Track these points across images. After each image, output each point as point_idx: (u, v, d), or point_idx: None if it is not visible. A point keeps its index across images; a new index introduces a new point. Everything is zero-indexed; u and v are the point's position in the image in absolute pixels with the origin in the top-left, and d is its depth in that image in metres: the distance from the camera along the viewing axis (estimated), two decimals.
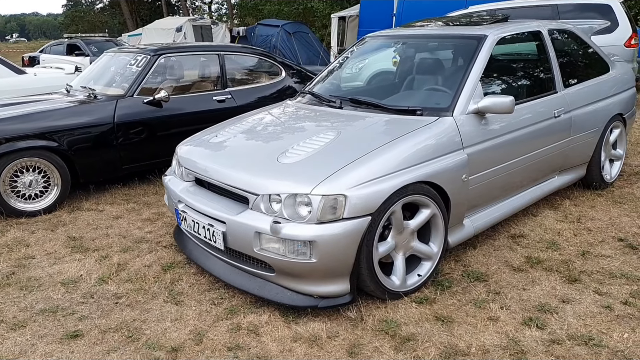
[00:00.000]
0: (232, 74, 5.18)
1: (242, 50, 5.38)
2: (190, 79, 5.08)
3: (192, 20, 23.59)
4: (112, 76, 4.80)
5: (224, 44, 5.52)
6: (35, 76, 7.02)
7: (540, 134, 3.33)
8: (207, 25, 24.25)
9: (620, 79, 4.26)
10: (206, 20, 24.95)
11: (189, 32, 22.67)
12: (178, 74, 5.07)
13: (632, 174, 4.54)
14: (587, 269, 2.83)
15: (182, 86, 4.97)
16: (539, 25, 3.67)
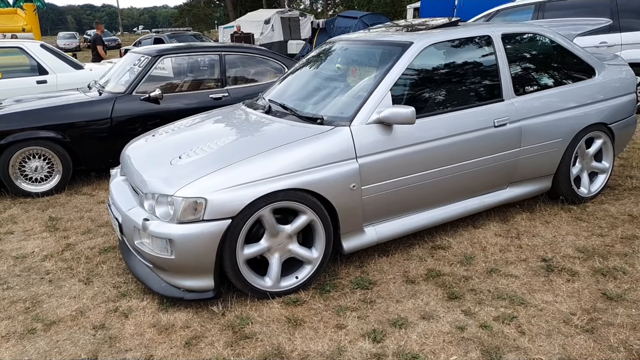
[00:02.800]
0: (232, 73, 5.50)
1: (245, 50, 5.67)
2: (191, 77, 5.47)
3: (280, 12, 24.35)
4: (123, 74, 5.34)
5: (227, 44, 5.84)
6: (91, 71, 7.89)
7: (470, 144, 3.24)
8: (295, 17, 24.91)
9: (608, 85, 3.92)
10: (294, 12, 25.60)
11: (276, 24, 23.50)
12: (179, 73, 5.50)
13: (628, 189, 4.17)
14: (479, 287, 2.76)
15: (182, 84, 5.38)
16: (490, 30, 3.53)
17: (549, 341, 2.28)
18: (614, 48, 7.13)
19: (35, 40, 8.03)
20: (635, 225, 3.45)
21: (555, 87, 3.69)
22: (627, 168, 4.74)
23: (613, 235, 3.33)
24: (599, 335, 2.31)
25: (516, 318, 2.46)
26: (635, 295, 2.62)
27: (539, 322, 2.43)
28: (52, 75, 7.20)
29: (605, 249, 3.14)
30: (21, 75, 7.08)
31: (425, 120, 3.11)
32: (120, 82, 5.15)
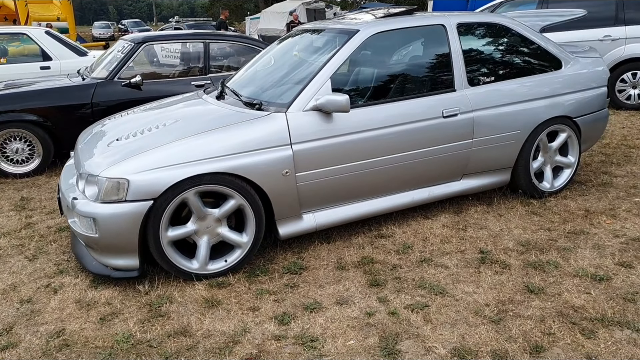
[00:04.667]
0: (216, 60, 5.58)
1: (229, 38, 5.73)
2: (175, 64, 5.57)
3: (305, 3, 24.33)
4: (111, 60, 5.49)
5: (212, 32, 5.91)
6: (94, 58, 8.10)
7: (416, 134, 3.22)
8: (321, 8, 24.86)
9: (575, 78, 3.82)
10: (320, 4, 25.53)
11: (302, 15, 23.51)
12: (163, 60, 5.60)
13: (597, 185, 4.07)
14: (405, 276, 2.77)
15: (166, 71, 5.48)
16: (444, 19, 3.48)
17: (451, 330, 2.28)
18: (618, 42, 6.90)
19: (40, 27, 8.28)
20: (588, 221, 3.38)
21: (514, 78, 3.62)
22: (606, 164, 4.61)
23: (560, 230, 3.27)
24: (503, 326, 2.30)
25: (428, 307, 2.46)
26: (557, 289, 2.58)
27: (448, 311, 2.42)
28: (55, 61, 7.42)
29: (547, 243, 3.09)
30: (25, 61, 7.33)
31: (367, 109, 3.11)
32: (104, 69, 5.29)
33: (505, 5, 7.83)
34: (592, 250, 2.97)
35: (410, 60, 3.55)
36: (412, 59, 3.56)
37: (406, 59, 3.53)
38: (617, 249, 2.98)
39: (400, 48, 3.40)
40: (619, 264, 2.81)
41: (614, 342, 2.16)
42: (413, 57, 3.59)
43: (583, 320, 2.32)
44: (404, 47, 3.45)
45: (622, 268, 2.76)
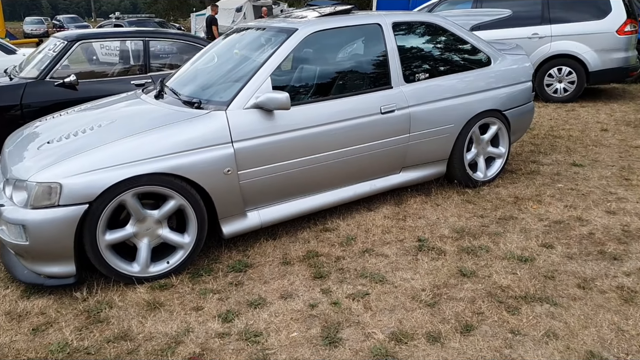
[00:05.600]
0: (157, 59, 5.46)
1: (170, 36, 5.63)
2: (113, 63, 5.42)
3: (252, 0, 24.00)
4: (42, 59, 5.25)
5: (152, 30, 5.79)
6: (24, 56, 7.71)
7: (355, 130, 3.32)
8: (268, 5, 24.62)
9: (504, 73, 4.06)
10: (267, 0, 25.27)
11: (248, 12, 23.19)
12: (102, 59, 5.44)
13: (526, 173, 4.33)
14: (348, 267, 2.86)
15: (103, 70, 5.32)
16: (380, 18, 3.60)
17: (390, 316, 2.39)
18: (545, 39, 7.33)
19: None
20: (516, 207, 3.60)
21: (447, 74, 3.80)
22: (534, 153, 4.91)
23: (492, 216, 3.47)
24: (438, 308, 2.43)
25: (368, 295, 2.57)
26: (487, 271, 2.75)
27: (387, 298, 2.54)
28: None
29: (480, 229, 3.28)
30: None
31: (308, 106, 3.18)
32: (34, 68, 5.07)
33: (443, 4, 8.13)
34: (519, 234, 3.18)
35: (349, 59, 3.64)
36: (350, 57, 3.66)
37: (345, 57, 3.62)
38: (541, 232, 3.20)
39: (338, 47, 3.48)
40: (542, 245, 3.02)
41: (535, 317, 2.35)
42: (352, 55, 3.69)
43: (509, 299, 2.50)
44: (343, 45, 3.54)
45: (544, 249, 2.98)
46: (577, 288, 2.58)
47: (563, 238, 3.13)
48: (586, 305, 2.44)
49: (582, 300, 2.48)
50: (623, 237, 3.11)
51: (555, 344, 2.17)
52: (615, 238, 3.10)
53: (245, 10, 22.95)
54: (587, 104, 7.23)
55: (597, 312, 2.37)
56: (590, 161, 4.61)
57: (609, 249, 2.97)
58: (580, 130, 5.78)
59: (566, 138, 5.44)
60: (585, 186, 3.98)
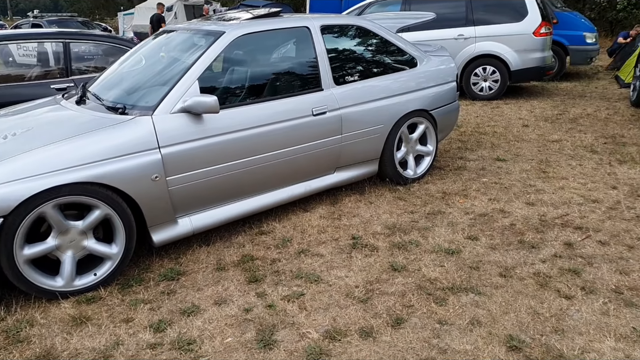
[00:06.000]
0: (79, 61, 5.22)
1: (93, 37, 5.39)
2: (31, 66, 5.12)
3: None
4: None
5: (74, 31, 5.53)
6: None
7: (288, 132, 3.33)
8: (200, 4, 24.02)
9: (429, 74, 4.21)
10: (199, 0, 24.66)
11: (180, 12, 22.50)
12: (20, 60, 5.13)
13: (454, 169, 4.52)
14: (283, 269, 2.87)
15: (21, 74, 5.01)
16: (309, 22, 3.64)
17: (324, 314, 2.43)
18: (470, 40, 7.68)
19: None
20: (444, 202, 3.76)
21: (376, 76, 3.90)
22: (461, 150, 5.15)
23: (422, 211, 3.60)
24: (371, 304, 2.50)
25: (303, 295, 2.59)
26: (417, 265, 2.86)
27: (322, 297, 2.57)
28: None
29: (410, 224, 3.40)
30: None
31: (239, 109, 3.16)
32: None
33: (374, 5, 8.32)
34: (447, 228, 3.33)
35: (280, 62, 3.65)
36: (281, 60, 3.67)
37: (275, 60, 3.63)
38: (466, 225, 3.37)
39: (268, 50, 3.49)
40: (467, 238, 3.18)
41: (461, 306, 2.47)
42: (282, 58, 3.70)
43: (437, 290, 2.61)
44: (272, 48, 3.55)
45: (470, 241, 3.14)
46: (499, 277, 2.74)
47: (487, 230, 3.30)
48: (507, 292, 2.59)
49: (503, 288, 2.63)
50: (540, 227, 3.33)
51: (479, 330, 2.29)
52: (533, 228, 3.32)
53: (176, 9, 22.31)
54: (510, 101, 7.65)
55: (516, 298, 2.53)
56: (512, 156, 4.89)
57: (528, 238, 3.17)
58: (504, 126, 6.12)
59: (491, 134, 5.74)
60: (508, 180, 4.22)
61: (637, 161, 4.58)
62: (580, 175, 4.26)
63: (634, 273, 2.72)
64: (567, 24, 9.13)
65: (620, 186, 3.99)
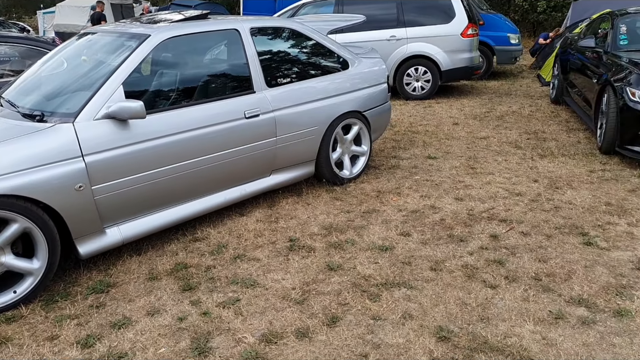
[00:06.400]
0: None
1: (9, 38, 5.08)
2: None
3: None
4: None
5: None
6: None
7: (220, 136, 3.29)
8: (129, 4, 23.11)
9: (361, 76, 4.29)
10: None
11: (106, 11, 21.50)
12: None
13: (388, 168, 4.63)
14: (219, 275, 2.84)
15: None
16: (238, 24, 3.61)
17: (260, 318, 2.43)
18: (402, 41, 7.90)
19: None
20: (379, 200, 3.86)
21: (309, 78, 3.94)
22: (395, 149, 5.29)
23: (357, 210, 3.68)
24: (307, 305, 2.53)
25: (239, 301, 2.58)
26: (352, 263, 2.92)
27: (258, 301, 2.57)
28: None
29: (346, 224, 3.46)
30: None
31: (167, 113, 3.09)
32: None
33: (308, 6, 8.37)
34: (381, 225, 3.42)
35: (209, 64, 3.61)
36: (210, 63, 3.63)
37: (205, 63, 3.58)
38: (399, 222, 3.47)
39: (196, 52, 3.43)
40: (400, 234, 3.28)
41: (394, 301, 2.54)
42: (211, 61, 3.66)
43: (371, 287, 2.67)
44: (201, 51, 3.49)
45: (402, 237, 3.24)
46: (430, 270, 2.84)
47: (419, 226, 3.42)
48: (437, 285, 2.70)
49: (433, 281, 2.73)
50: (468, 221, 3.49)
51: (410, 324, 2.37)
52: (462, 222, 3.47)
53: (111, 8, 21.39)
54: (441, 100, 7.95)
55: (445, 291, 2.64)
56: (443, 153, 5.09)
57: (457, 232, 3.32)
58: (436, 125, 6.35)
59: (423, 133, 5.94)
60: (438, 176, 4.39)
61: (556, 155, 4.90)
62: (505, 170, 4.50)
63: (551, 260, 2.91)
64: (492, 25, 9.60)
65: (540, 179, 4.25)
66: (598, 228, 3.29)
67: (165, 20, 3.61)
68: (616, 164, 4.55)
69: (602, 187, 4.01)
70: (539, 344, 2.21)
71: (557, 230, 3.29)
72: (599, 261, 2.88)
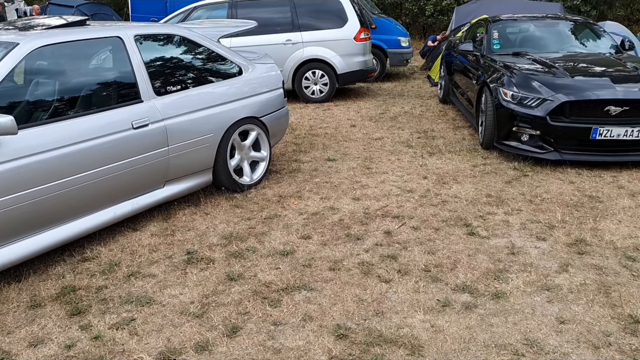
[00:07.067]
0: None
1: None
2: None
3: None
4: None
5: None
6: None
7: (105, 148, 3.12)
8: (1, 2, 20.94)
9: (256, 82, 4.29)
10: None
11: None
12: None
13: (289, 172, 4.68)
14: (111, 295, 2.70)
15: None
16: (120, 31, 3.45)
17: (158, 336, 2.35)
18: (298, 45, 8.01)
19: None
20: (280, 205, 3.89)
21: (200, 85, 3.87)
22: (296, 152, 5.36)
23: (259, 217, 3.68)
24: (206, 317, 2.49)
25: (134, 320, 2.47)
26: (253, 271, 2.92)
27: (155, 319, 2.48)
28: None
29: (247, 231, 3.45)
30: None
31: (44, 128, 2.88)
32: None
33: (200, 10, 8.19)
34: (282, 230, 3.45)
35: (91, 74, 3.40)
36: (92, 72, 3.43)
37: (86, 73, 3.37)
38: (300, 225, 3.53)
39: (76, 61, 3.22)
40: (301, 237, 3.34)
41: (294, 305, 2.59)
42: (94, 70, 3.46)
43: (272, 293, 2.69)
44: (81, 60, 3.29)
45: (303, 240, 3.30)
46: (329, 271, 2.93)
47: (319, 227, 3.50)
48: (336, 284, 2.78)
49: (332, 281, 2.82)
50: (364, 219, 3.64)
51: (310, 325, 2.43)
52: (358, 221, 3.61)
53: None
54: (340, 103, 8.19)
55: (343, 289, 2.73)
56: (341, 155, 5.25)
57: (354, 231, 3.45)
58: (334, 127, 6.53)
59: (323, 136, 6.08)
60: (337, 178, 4.52)
61: (443, 152, 5.26)
62: (398, 169, 4.75)
63: (439, 252, 3.13)
64: (383, 29, 10.07)
65: (430, 175, 4.54)
66: (479, 218, 3.60)
67: (42, 25, 3.36)
68: (495, 158, 4.99)
69: (484, 180, 4.39)
70: (428, 332, 2.37)
71: (444, 223, 3.54)
72: (480, 249, 3.15)
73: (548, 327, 2.38)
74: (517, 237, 3.29)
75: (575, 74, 4.72)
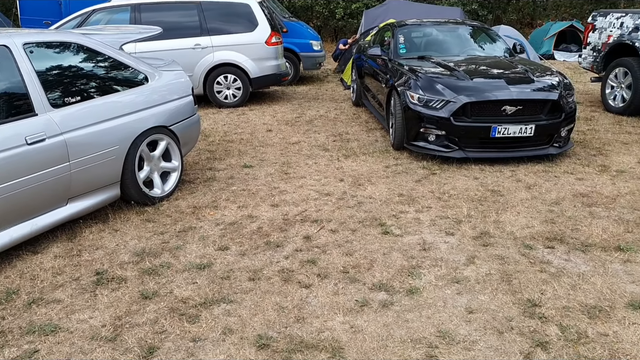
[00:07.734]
0: None
1: None
2: None
3: None
4: None
5: None
6: None
7: None
8: None
9: (163, 90, 4.14)
10: None
11: None
12: None
13: (204, 180, 4.55)
14: (10, 326, 2.48)
15: None
16: (7, 39, 3.17)
17: None
18: (208, 49, 7.84)
19: None
20: (195, 217, 3.79)
21: (102, 95, 3.66)
22: (211, 160, 5.24)
23: (172, 231, 3.55)
24: (120, 340, 2.36)
25: (38, 352, 2.29)
26: (169, 288, 2.81)
27: (62, 348, 2.31)
28: None
29: (160, 246, 3.31)
30: None
31: None
32: None
33: (100, 13, 7.76)
34: (198, 243, 3.36)
35: None
36: None
37: None
38: (217, 236, 3.46)
39: None
40: (219, 249, 3.27)
41: (213, 319, 2.53)
42: None
43: (190, 309, 2.61)
44: None
45: (221, 252, 3.23)
46: (249, 281, 2.89)
47: (237, 237, 3.45)
48: (256, 294, 2.75)
49: (252, 291, 2.79)
50: (284, 226, 3.64)
51: (231, 338, 2.38)
52: (278, 228, 3.60)
53: None
54: (255, 107, 8.13)
55: (264, 298, 2.71)
56: (258, 161, 5.21)
57: (273, 238, 3.43)
58: (250, 132, 6.47)
59: (238, 142, 6.00)
60: (255, 185, 4.48)
61: (358, 154, 5.41)
62: (315, 173, 4.80)
63: (356, 253, 3.21)
64: (295, 33, 10.15)
65: (346, 178, 4.64)
66: (393, 217, 3.74)
67: None
68: (406, 158, 5.21)
69: (396, 180, 4.56)
70: (347, 333, 2.42)
71: (361, 223, 3.64)
72: (394, 247, 3.27)
73: (458, 317, 2.53)
74: (427, 234, 3.46)
75: (475, 76, 5.05)
